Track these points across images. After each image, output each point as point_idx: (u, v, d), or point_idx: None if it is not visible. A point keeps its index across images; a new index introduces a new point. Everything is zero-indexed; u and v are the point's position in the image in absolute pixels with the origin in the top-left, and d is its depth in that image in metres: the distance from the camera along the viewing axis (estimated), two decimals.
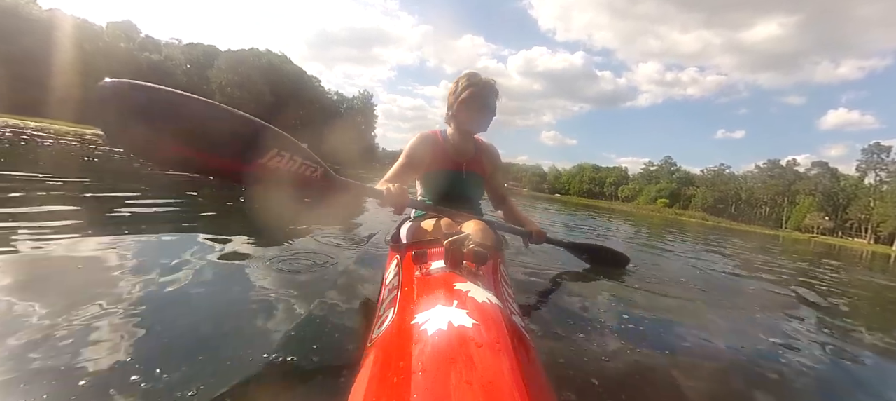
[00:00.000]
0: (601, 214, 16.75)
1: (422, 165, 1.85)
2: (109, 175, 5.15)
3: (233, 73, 61.71)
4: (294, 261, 2.09)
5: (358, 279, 1.95)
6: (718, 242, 9.21)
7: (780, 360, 1.63)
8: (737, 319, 2.23)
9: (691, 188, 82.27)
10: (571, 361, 1.35)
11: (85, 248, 1.87)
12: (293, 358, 1.15)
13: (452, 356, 0.57)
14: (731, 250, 7.12)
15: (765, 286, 3.44)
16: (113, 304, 1.32)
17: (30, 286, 1.41)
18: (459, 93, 1.74)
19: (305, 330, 1.33)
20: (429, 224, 1.43)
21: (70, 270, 1.61)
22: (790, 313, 2.46)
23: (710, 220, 59.86)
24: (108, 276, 1.58)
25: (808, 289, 3.59)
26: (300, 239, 2.60)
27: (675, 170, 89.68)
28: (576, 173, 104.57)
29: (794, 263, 6.28)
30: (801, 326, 2.21)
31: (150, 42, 62.95)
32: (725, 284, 3.34)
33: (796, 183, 71.56)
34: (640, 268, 3.12)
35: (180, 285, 1.57)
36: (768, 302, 2.79)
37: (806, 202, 67.40)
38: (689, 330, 1.83)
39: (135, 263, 1.76)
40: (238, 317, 1.40)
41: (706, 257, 5.14)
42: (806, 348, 1.82)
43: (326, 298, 1.62)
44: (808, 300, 3.02)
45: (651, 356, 1.45)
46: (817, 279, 4.55)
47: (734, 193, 78.15)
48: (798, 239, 33.60)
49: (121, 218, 2.66)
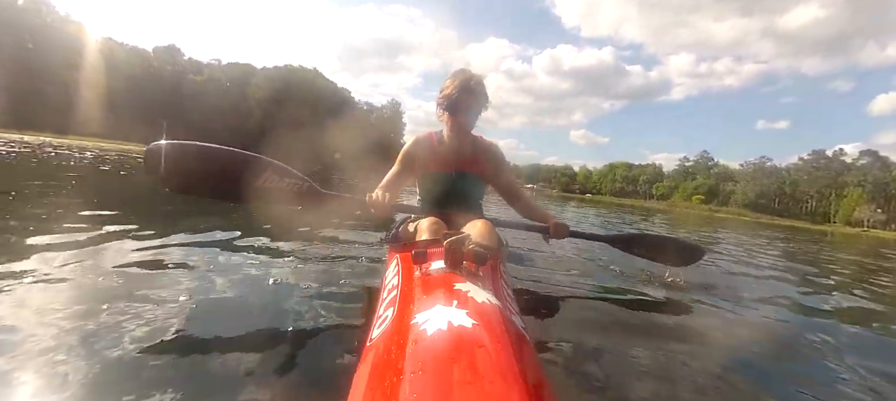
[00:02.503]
0: (629, 214, 16.06)
1: (418, 168, 1.85)
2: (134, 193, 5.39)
3: (269, 89, 64.87)
4: (294, 262, 2.16)
5: (358, 279, 1.95)
6: (749, 238, 9.01)
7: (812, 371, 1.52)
8: (751, 319, 2.12)
9: (730, 184, 79.10)
10: (572, 361, 1.34)
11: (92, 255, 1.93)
12: (293, 358, 1.19)
13: (452, 356, 0.58)
14: (761, 245, 7.02)
15: (773, 285, 3.19)
16: (113, 303, 1.38)
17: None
18: (446, 92, 1.73)
19: (305, 330, 1.37)
20: (429, 224, 1.41)
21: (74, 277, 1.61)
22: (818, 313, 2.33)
23: (748, 216, 57.64)
24: (113, 277, 1.64)
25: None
26: (300, 240, 2.67)
27: (713, 165, 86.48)
28: (607, 172, 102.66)
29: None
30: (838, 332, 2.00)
31: (193, 64, 67.24)
32: (746, 283, 3.09)
33: (844, 174, 67.95)
34: (649, 265, 2.88)
35: (180, 287, 1.62)
36: (770, 296, 2.64)
37: (855, 194, 63.70)
38: (702, 334, 1.73)
39: (131, 263, 1.83)
40: (238, 317, 1.44)
41: (728, 248, 5.10)
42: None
43: (326, 298, 1.65)
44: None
45: (654, 357, 1.42)
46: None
47: (777, 187, 74.78)
48: (848, 234, 31.68)
49: (126, 223, 2.66)
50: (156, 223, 2.81)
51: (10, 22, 46.56)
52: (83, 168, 7.85)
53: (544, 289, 2.15)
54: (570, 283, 2.33)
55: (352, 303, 1.65)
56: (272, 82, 66.07)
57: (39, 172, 6.06)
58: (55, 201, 3.39)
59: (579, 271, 2.62)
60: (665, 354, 1.47)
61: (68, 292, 1.47)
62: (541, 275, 2.42)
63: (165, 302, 1.44)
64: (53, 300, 1.38)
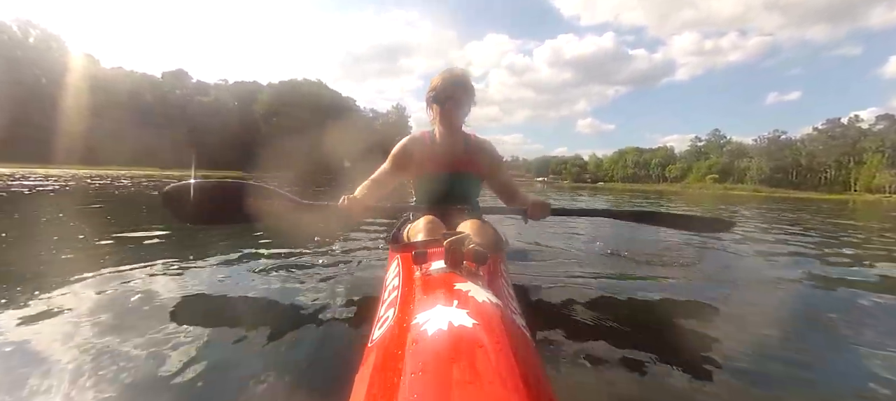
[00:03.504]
0: (639, 198, 15.77)
1: (410, 169, 1.85)
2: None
3: (276, 104, 65.80)
4: (295, 263, 2.19)
5: (358, 280, 1.97)
6: (764, 215, 8.82)
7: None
8: (759, 308, 2.02)
9: (745, 160, 77.70)
10: (573, 361, 1.33)
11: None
12: (294, 359, 1.21)
13: (453, 357, 0.58)
14: (774, 221, 6.95)
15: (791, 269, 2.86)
16: (113, 304, 1.47)
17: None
18: (432, 92, 1.75)
19: (306, 331, 1.39)
20: (429, 224, 1.42)
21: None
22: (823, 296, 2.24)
23: (763, 191, 56.47)
24: (116, 284, 1.80)
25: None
26: (301, 242, 2.72)
27: (726, 142, 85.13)
28: (617, 159, 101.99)
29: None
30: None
31: (201, 86, 68.58)
32: (760, 273, 2.78)
33: (861, 141, 66.46)
34: (655, 258, 2.84)
35: (180, 288, 1.69)
36: (774, 281, 2.49)
37: (874, 160, 62.28)
38: (709, 330, 1.66)
39: (147, 271, 2.03)
40: (239, 318, 1.46)
41: (744, 236, 4.70)
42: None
43: (327, 299, 1.67)
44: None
45: (657, 354, 1.39)
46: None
47: (793, 159, 73.37)
48: (868, 201, 30.95)
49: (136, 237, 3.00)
50: (162, 236, 3.07)
51: (25, 60, 48.14)
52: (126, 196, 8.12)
53: (546, 288, 2.14)
54: (573, 281, 2.30)
55: (353, 304, 1.66)
56: (278, 97, 67.10)
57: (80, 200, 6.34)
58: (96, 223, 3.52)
59: (582, 268, 2.58)
60: (669, 351, 1.43)
61: (81, 302, 1.59)
62: (542, 273, 2.41)
63: (166, 304, 1.50)
64: (73, 305, 1.54)
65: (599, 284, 2.28)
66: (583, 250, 3.20)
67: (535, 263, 2.68)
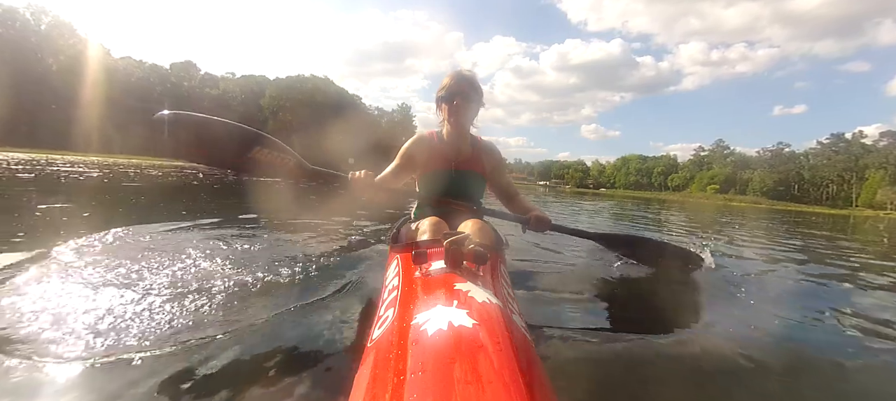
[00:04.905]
0: (637, 207, 15.50)
1: (417, 166, 1.87)
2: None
3: (282, 99, 66.21)
4: (295, 262, 2.15)
5: (358, 279, 1.96)
6: (758, 225, 8.94)
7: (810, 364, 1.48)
8: (762, 316, 2.00)
9: (747, 171, 77.68)
10: (573, 360, 1.33)
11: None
12: (293, 358, 1.19)
13: (452, 356, 0.58)
14: (762, 230, 7.04)
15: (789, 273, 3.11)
16: (114, 302, 1.45)
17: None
18: (443, 86, 1.79)
19: (306, 331, 1.37)
20: (429, 224, 1.43)
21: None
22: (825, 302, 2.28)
23: (763, 203, 56.50)
24: (115, 270, 1.80)
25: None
26: (301, 240, 2.68)
27: (729, 153, 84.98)
28: (621, 166, 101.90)
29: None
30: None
31: (209, 78, 69.08)
32: (753, 278, 2.88)
33: (864, 156, 66.31)
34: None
35: (179, 288, 1.63)
36: (779, 290, 2.56)
37: (876, 177, 62.02)
38: (709, 330, 1.69)
39: (131, 257, 2.00)
40: (239, 318, 1.43)
41: (739, 240, 4.92)
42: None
43: (327, 299, 1.65)
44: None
45: (656, 356, 1.40)
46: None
47: (795, 173, 73.29)
48: (868, 217, 30.95)
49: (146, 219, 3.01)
50: (166, 221, 3.11)
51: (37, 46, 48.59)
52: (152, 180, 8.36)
53: (545, 288, 2.15)
54: (573, 281, 2.32)
55: (352, 304, 1.66)
56: (284, 92, 67.43)
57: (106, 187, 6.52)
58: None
59: (582, 270, 2.61)
60: (668, 352, 1.45)
61: (82, 283, 1.62)
62: (542, 274, 2.42)
63: (165, 303, 1.48)
64: (66, 290, 1.56)
65: (599, 284, 2.30)
66: (583, 251, 3.18)
67: (535, 264, 2.69)
